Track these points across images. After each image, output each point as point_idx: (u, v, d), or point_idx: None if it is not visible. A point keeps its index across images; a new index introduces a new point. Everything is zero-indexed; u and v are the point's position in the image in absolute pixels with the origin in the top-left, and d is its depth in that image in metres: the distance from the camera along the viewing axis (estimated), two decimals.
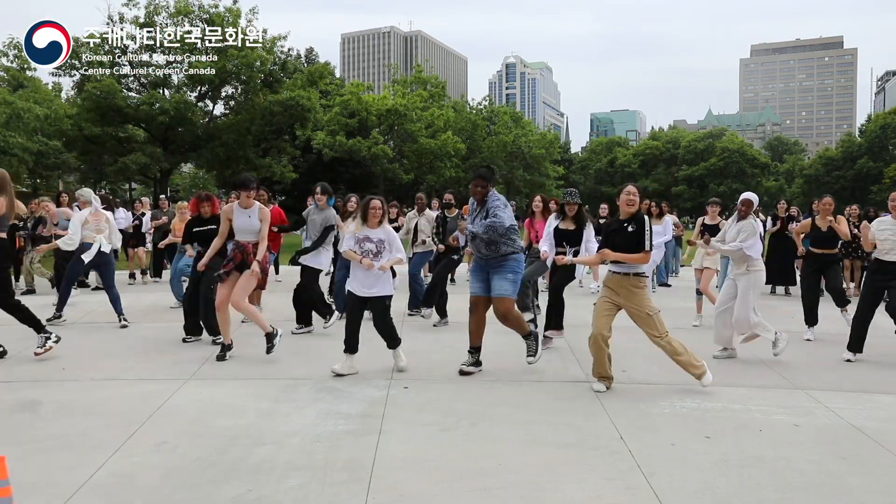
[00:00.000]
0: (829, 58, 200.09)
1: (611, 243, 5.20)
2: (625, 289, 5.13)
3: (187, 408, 4.64)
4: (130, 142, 31.64)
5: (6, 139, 27.58)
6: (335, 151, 40.01)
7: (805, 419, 4.52)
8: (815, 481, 3.48)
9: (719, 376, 5.65)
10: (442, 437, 4.10)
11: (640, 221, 5.11)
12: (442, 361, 6.02)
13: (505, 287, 5.57)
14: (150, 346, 6.68)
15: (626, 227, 5.14)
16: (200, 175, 50.44)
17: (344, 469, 3.58)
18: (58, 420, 4.37)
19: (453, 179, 44.95)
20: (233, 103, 33.35)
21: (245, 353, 6.32)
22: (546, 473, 3.54)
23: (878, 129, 63.75)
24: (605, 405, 4.75)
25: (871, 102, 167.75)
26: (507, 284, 5.58)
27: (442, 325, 7.96)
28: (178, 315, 8.48)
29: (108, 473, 3.51)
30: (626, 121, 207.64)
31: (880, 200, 49.60)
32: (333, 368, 5.56)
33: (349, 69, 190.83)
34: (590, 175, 76.36)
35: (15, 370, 5.61)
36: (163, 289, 11.36)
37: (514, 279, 5.64)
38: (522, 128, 54.40)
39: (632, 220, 5.14)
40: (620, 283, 5.16)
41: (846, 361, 6.25)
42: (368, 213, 5.58)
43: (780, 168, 79.79)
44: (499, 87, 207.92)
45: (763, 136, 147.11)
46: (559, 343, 6.83)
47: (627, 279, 5.13)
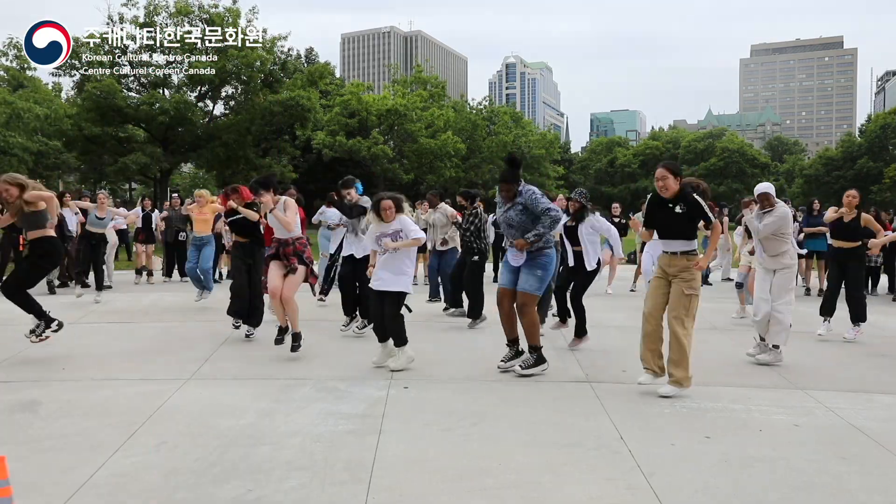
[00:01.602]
0: (829, 58, 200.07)
1: (656, 223, 5.16)
2: (674, 266, 5.03)
3: (187, 408, 4.64)
4: (130, 142, 31.67)
5: (6, 139, 27.60)
6: (335, 151, 40.04)
7: (805, 419, 4.52)
8: (815, 481, 3.48)
9: (719, 376, 5.66)
10: (442, 437, 4.10)
11: (689, 201, 4.92)
12: (442, 361, 6.02)
13: (531, 283, 5.51)
14: (150, 346, 6.67)
15: (672, 207, 4.97)
16: (200, 175, 50.40)
17: (344, 469, 3.58)
18: (58, 420, 4.37)
19: (453, 179, 44.98)
20: (233, 103, 33.39)
21: (245, 353, 6.32)
22: (546, 473, 3.54)
23: (878, 129, 63.74)
24: (605, 405, 4.75)
25: (871, 102, 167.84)
26: (534, 280, 5.51)
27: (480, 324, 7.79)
28: (178, 315, 8.50)
29: (108, 473, 3.51)
30: (626, 121, 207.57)
31: (880, 200, 49.63)
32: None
33: (349, 69, 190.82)
34: (590, 175, 76.33)
35: (15, 370, 5.60)
36: (164, 289, 11.37)
37: (543, 276, 5.54)
38: (522, 128, 54.43)
39: (679, 200, 4.96)
40: (670, 261, 5.06)
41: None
42: (381, 212, 5.75)
43: (780, 168, 79.75)
44: (499, 87, 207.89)
45: (763, 136, 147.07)
46: (559, 343, 6.83)
47: (675, 257, 5.03)
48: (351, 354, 6.34)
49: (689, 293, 4.94)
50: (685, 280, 4.96)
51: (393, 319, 5.73)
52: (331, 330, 7.37)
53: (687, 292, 4.94)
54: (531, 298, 5.55)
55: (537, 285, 5.54)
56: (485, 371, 5.72)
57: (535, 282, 5.52)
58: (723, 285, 11.90)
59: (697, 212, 4.93)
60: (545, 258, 5.56)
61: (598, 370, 5.78)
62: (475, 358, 6.19)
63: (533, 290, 5.53)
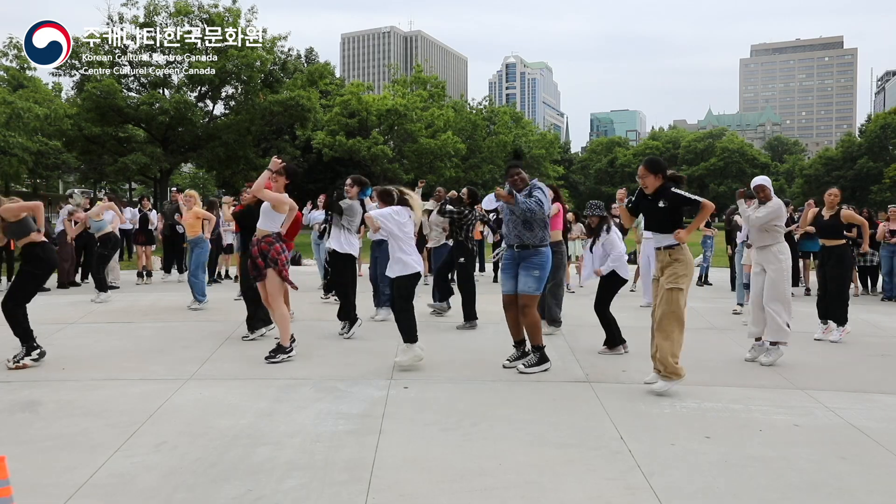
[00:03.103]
0: (829, 58, 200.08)
1: (642, 212, 5.33)
2: (660, 262, 5.16)
3: (187, 408, 4.64)
4: (130, 142, 31.66)
5: (6, 139, 27.59)
6: (335, 151, 40.04)
7: (805, 419, 4.51)
8: (815, 481, 3.48)
9: (719, 376, 5.66)
10: (442, 437, 4.10)
11: (670, 196, 5.05)
12: (442, 361, 6.02)
13: (529, 284, 5.65)
14: (150, 346, 6.67)
15: (655, 202, 5.13)
16: (200, 175, 50.41)
17: (344, 469, 3.58)
18: (58, 420, 4.37)
19: (453, 179, 44.93)
20: (233, 103, 33.39)
21: (245, 353, 6.32)
22: (546, 473, 3.54)
23: (878, 129, 63.74)
24: (605, 405, 4.75)
25: (871, 102, 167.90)
26: (532, 281, 5.65)
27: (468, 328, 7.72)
28: (178, 315, 8.50)
29: (108, 473, 3.51)
30: (626, 121, 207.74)
31: (880, 200, 49.58)
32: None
33: (349, 69, 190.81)
34: (590, 175, 76.41)
35: (15, 370, 5.60)
36: (164, 289, 11.37)
37: (540, 275, 5.68)
38: (522, 128, 54.46)
39: (661, 196, 5.10)
40: (658, 257, 5.21)
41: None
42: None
43: (780, 168, 79.76)
44: (499, 87, 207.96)
45: (763, 136, 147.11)
46: (559, 343, 6.83)
47: (661, 252, 5.15)
48: (351, 354, 6.33)
49: (670, 287, 5.01)
50: (668, 276, 5.06)
51: (399, 312, 5.73)
52: (331, 330, 7.37)
53: (668, 286, 5.02)
54: (531, 299, 5.66)
55: (536, 285, 5.66)
56: (485, 371, 5.72)
57: (532, 282, 5.65)
58: (723, 285, 11.89)
59: (680, 202, 5.07)
60: (540, 257, 5.68)
61: (598, 370, 5.78)
62: (475, 358, 6.19)
63: (532, 291, 5.65)
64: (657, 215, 5.15)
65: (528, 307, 5.65)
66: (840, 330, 7.14)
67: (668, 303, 5.01)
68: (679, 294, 5.00)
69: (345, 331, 7.12)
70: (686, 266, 5.05)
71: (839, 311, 7.20)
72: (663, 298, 5.04)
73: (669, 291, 5.01)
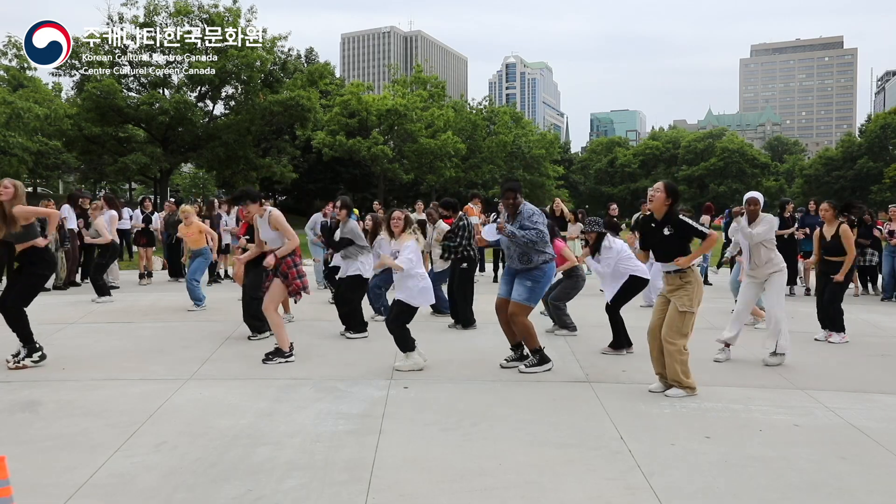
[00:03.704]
0: (829, 58, 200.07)
1: (649, 245, 5.29)
2: (670, 285, 5.15)
3: (187, 408, 4.64)
4: (130, 142, 31.63)
5: (6, 139, 27.59)
6: (335, 151, 40.05)
7: (805, 419, 4.52)
8: (815, 481, 3.48)
9: (719, 376, 5.66)
10: (442, 437, 4.10)
11: (676, 223, 5.06)
12: (442, 361, 6.02)
13: (520, 293, 5.68)
14: (150, 346, 6.67)
15: (661, 229, 5.11)
16: (200, 175, 50.39)
17: (344, 469, 3.58)
18: (58, 420, 4.37)
19: (453, 179, 44.95)
20: (233, 103, 33.36)
21: (245, 353, 6.32)
22: (546, 473, 3.54)
23: (878, 129, 63.76)
24: (605, 405, 4.75)
25: (871, 102, 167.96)
26: (523, 291, 5.67)
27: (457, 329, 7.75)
28: (178, 315, 8.50)
29: (108, 473, 3.51)
30: (626, 121, 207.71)
31: (880, 200, 49.58)
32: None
33: (349, 69, 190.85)
34: (590, 175, 76.39)
35: (15, 370, 5.60)
36: (164, 289, 11.36)
37: (534, 287, 5.68)
38: (522, 128, 54.41)
39: (667, 222, 5.09)
40: (667, 280, 5.20)
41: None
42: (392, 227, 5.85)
43: (780, 168, 79.80)
44: (499, 87, 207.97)
45: (763, 136, 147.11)
46: (559, 343, 6.83)
47: (670, 276, 5.14)
48: (351, 354, 6.34)
49: (682, 310, 5.02)
50: (679, 298, 5.05)
51: (391, 325, 5.76)
52: (331, 330, 7.37)
53: (681, 310, 5.02)
54: (521, 308, 5.68)
55: (527, 295, 5.67)
56: (485, 371, 5.72)
57: (524, 292, 5.66)
58: (723, 286, 11.88)
59: (687, 231, 5.06)
60: (539, 272, 5.69)
61: (598, 370, 5.78)
62: (475, 358, 6.19)
63: (522, 300, 5.67)
64: (663, 244, 5.12)
65: (516, 315, 5.67)
66: (840, 335, 7.16)
67: (680, 326, 5.01)
68: (691, 317, 5.04)
69: (348, 332, 7.15)
70: (697, 287, 5.07)
71: (835, 319, 7.23)
72: (673, 322, 5.04)
73: (681, 315, 5.02)
